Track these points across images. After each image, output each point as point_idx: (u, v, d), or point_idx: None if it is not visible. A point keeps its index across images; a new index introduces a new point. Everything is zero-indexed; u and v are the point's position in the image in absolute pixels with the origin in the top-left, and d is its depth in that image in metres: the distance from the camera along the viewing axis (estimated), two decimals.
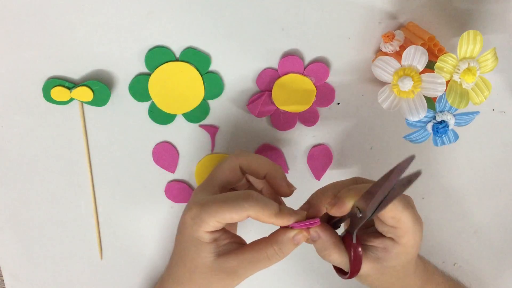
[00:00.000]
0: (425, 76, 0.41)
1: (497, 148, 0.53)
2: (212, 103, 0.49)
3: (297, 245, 0.39)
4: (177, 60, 0.47)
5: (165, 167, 0.50)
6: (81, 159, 0.49)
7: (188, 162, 0.50)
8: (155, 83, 0.47)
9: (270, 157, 0.50)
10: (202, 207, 0.38)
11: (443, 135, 0.44)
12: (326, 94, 0.49)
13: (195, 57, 0.47)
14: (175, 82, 0.47)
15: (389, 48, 0.46)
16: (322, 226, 0.40)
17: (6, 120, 0.47)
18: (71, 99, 0.47)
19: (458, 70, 0.41)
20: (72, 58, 0.46)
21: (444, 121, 0.43)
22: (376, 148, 0.51)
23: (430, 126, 0.44)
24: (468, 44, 0.41)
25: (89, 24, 0.46)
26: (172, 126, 0.49)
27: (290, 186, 0.42)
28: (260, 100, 0.48)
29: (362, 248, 0.40)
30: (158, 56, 0.47)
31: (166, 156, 0.50)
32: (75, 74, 0.47)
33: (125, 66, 0.47)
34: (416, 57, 0.41)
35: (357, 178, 0.42)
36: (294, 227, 0.39)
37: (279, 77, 0.48)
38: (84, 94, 0.46)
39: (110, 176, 0.50)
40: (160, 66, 0.47)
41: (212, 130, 0.49)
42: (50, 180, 0.49)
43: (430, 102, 0.43)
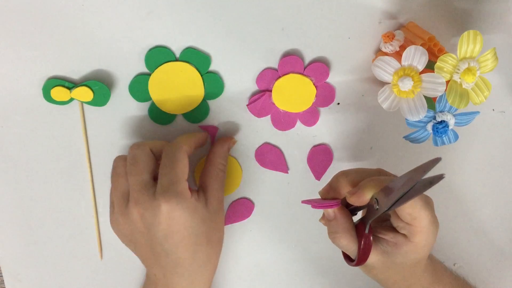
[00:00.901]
0: (425, 76, 0.41)
1: (497, 148, 0.53)
2: (212, 103, 0.49)
3: None
4: (177, 60, 0.47)
5: None
6: (81, 159, 0.49)
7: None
8: (155, 83, 0.47)
9: (270, 157, 0.50)
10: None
11: (443, 135, 0.44)
12: (326, 94, 0.49)
13: (195, 57, 0.47)
14: (175, 82, 0.47)
15: (389, 48, 0.46)
16: (340, 208, 0.41)
17: (6, 120, 0.47)
18: (71, 99, 0.47)
19: (458, 70, 0.41)
20: (72, 58, 0.46)
21: (444, 121, 0.43)
22: (376, 148, 0.51)
23: (430, 126, 0.44)
24: (468, 44, 0.41)
25: (89, 24, 0.46)
26: (172, 126, 0.49)
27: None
28: (260, 100, 0.48)
29: (373, 239, 0.40)
30: (158, 56, 0.47)
31: None
32: (75, 74, 0.47)
33: (125, 66, 0.47)
34: (416, 57, 0.41)
35: (380, 169, 0.42)
36: (315, 207, 0.40)
37: (279, 77, 0.48)
38: (84, 94, 0.46)
39: (110, 176, 0.50)
40: (160, 66, 0.47)
41: (212, 130, 0.49)
42: (50, 180, 0.49)
43: (430, 102, 0.43)
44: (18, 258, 0.51)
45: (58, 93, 0.46)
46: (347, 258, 0.43)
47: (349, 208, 0.42)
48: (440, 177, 0.33)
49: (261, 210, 0.52)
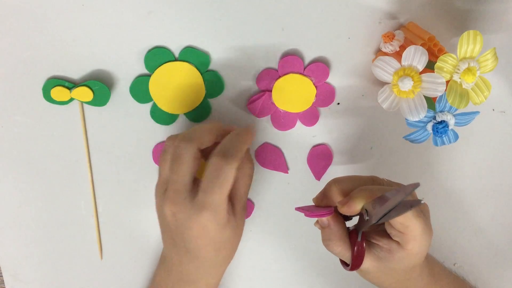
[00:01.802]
0: (425, 76, 0.41)
1: (497, 148, 0.53)
2: (212, 104, 0.49)
3: None
4: (176, 60, 0.47)
5: None
6: (81, 159, 0.49)
7: None
8: (156, 84, 0.47)
9: (270, 157, 0.50)
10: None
11: (443, 135, 0.44)
12: (326, 94, 0.49)
13: (194, 56, 0.47)
14: (176, 82, 0.47)
15: (389, 48, 0.46)
16: (334, 216, 0.41)
17: (6, 120, 0.47)
18: (71, 99, 0.47)
19: (458, 70, 0.41)
20: (72, 58, 0.46)
21: (444, 121, 0.43)
22: (376, 148, 0.51)
23: (430, 126, 0.44)
24: (468, 44, 0.41)
25: (89, 24, 0.46)
26: (173, 126, 0.49)
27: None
28: (260, 100, 0.48)
29: (367, 244, 0.40)
30: (157, 56, 0.46)
31: None
32: (75, 74, 0.47)
33: (125, 66, 0.47)
34: (416, 57, 0.41)
35: (374, 177, 0.42)
36: (308, 216, 0.40)
37: (279, 77, 0.48)
38: (84, 94, 0.46)
39: (110, 176, 0.50)
40: (159, 66, 0.47)
41: None
42: (50, 180, 0.49)
43: (430, 102, 0.43)
44: (18, 258, 0.51)
45: (58, 93, 0.46)
46: (343, 262, 0.43)
47: (342, 214, 0.42)
48: (417, 201, 0.34)
49: (261, 210, 0.52)
